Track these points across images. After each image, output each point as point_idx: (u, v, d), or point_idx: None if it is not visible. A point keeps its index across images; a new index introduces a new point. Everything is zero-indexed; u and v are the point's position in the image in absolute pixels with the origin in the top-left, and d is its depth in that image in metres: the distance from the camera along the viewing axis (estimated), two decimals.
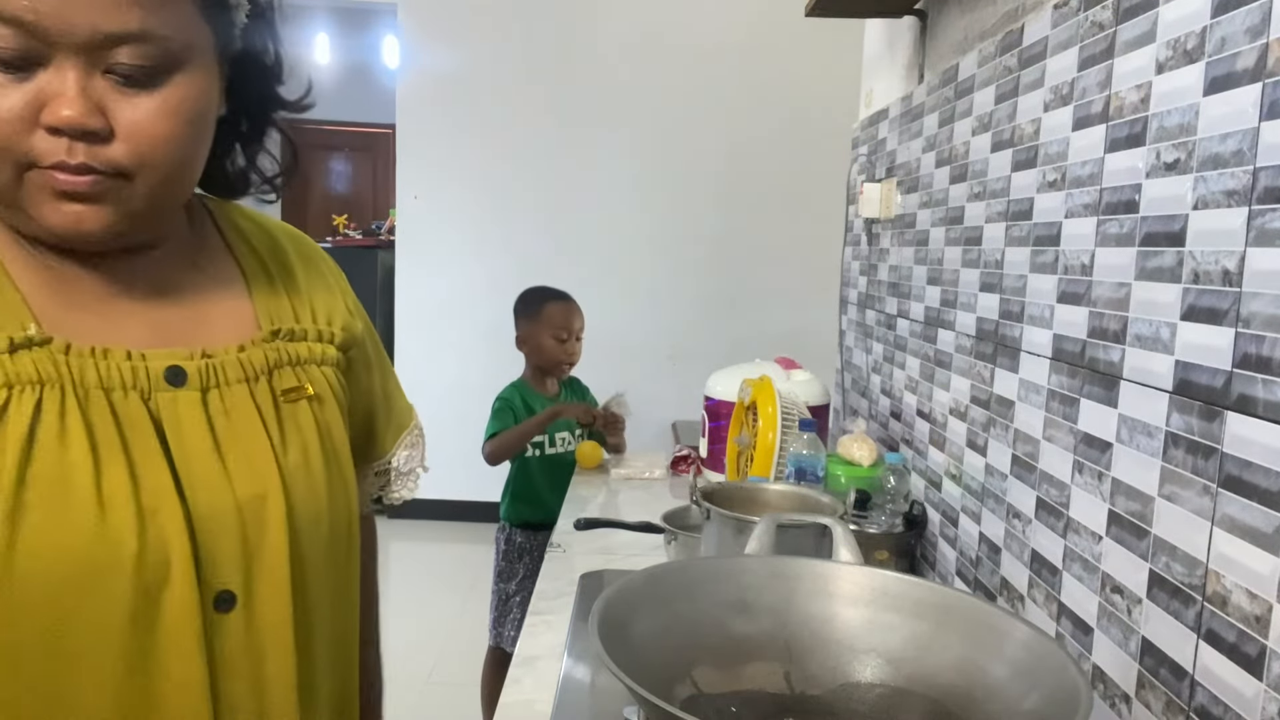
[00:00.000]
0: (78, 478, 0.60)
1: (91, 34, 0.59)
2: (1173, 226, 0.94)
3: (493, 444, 2.42)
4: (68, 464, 0.60)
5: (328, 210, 6.24)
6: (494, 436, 2.42)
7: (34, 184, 0.61)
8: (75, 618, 0.60)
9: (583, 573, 1.53)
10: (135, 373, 0.65)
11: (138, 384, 0.65)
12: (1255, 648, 0.78)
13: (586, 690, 1.12)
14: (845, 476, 1.78)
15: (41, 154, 0.60)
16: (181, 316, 0.71)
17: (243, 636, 0.67)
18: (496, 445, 2.42)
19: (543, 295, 2.57)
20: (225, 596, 0.66)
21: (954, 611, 0.82)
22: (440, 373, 4.55)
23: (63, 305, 0.65)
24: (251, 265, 0.78)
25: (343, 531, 0.76)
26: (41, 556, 0.58)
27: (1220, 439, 0.84)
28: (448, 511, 4.60)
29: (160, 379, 0.66)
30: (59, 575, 0.59)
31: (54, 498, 0.59)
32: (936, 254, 1.70)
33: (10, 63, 0.59)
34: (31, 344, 0.61)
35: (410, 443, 0.94)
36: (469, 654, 2.78)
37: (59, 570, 0.59)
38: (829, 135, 3.62)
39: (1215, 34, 0.88)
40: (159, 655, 0.63)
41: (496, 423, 2.45)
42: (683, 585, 0.84)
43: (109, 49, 0.60)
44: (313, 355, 0.76)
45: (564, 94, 4.42)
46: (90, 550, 0.59)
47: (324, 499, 0.73)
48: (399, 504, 0.96)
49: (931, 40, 1.95)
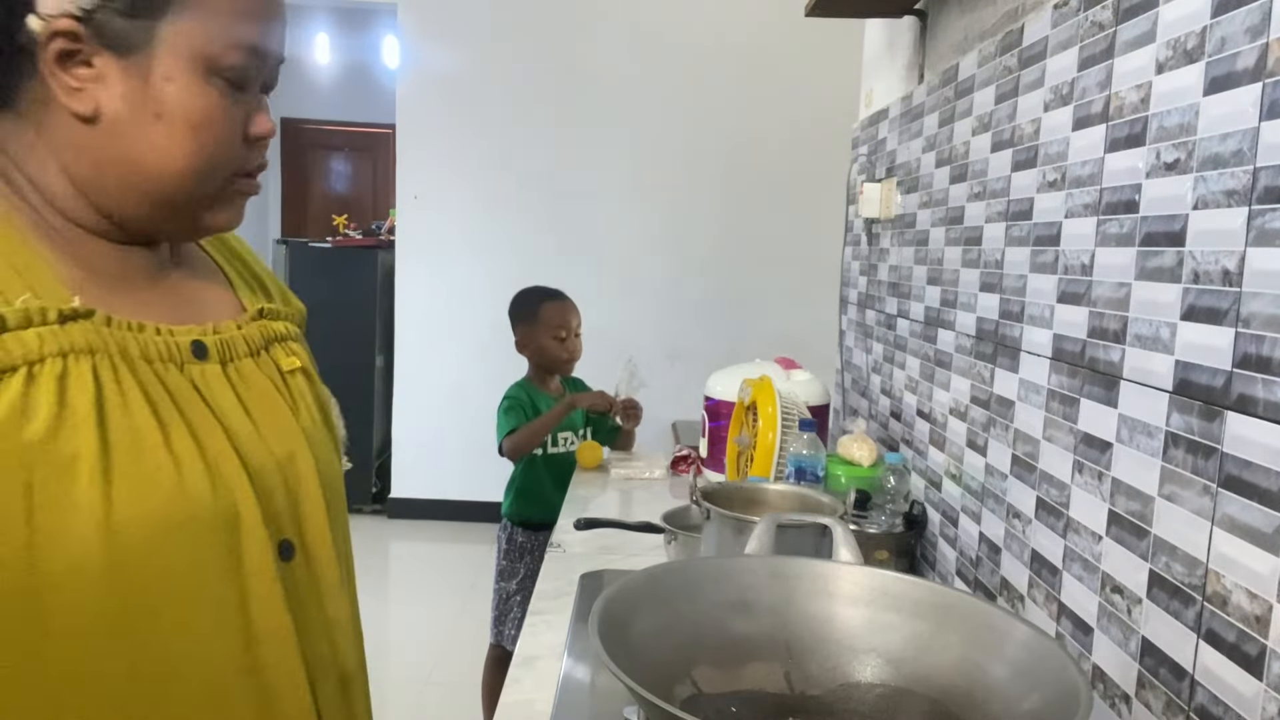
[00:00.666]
0: (149, 440, 0.63)
1: (278, 62, 0.73)
2: (1173, 226, 0.94)
3: (513, 439, 2.42)
4: (136, 428, 0.62)
5: (328, 210, 6.23)
6: (513, 432, 2.42)
7: (234, 189, 0.73)
8: (167, 574, 0.63)
9: (583, 573, 1.53)
10: (168, 346, 0.69)
11: (173, 357, 0.69)
12: (1255, 648, 0.78)
13: (586, 690, 1.12)
14: (845, 476, 1.78)
15: (247, 160, 0.72)
16: (186, 299, 0.76)
17: (306, 583, 0.72)
18: (518, 439, 2.41)
19: (538, 296, 2.57)
20: (286, 545, 0.71)
21: (954, 611, 0.82)
22: (440, 373, 4.56)
23: (95, 284, 0.68)
24: (221, 258, 0.84)
25: (341, 487, 0.83)
26: (133, 517, 0.61)
27: (1220, 439, 0.84)
28: (448, 511, 4.61)
29: (188, 352, 0.70)
30: (149, 534, 0.62)
31: (133, 460, 0.62)
32: (936, 254, 1.70)
33: (238, 84, 0.69)
34: (77, 315, 0.63)
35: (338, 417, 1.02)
36: (469, 654, 2.78)
37: (148, 529, 0.62)
38: (829, 135, 3.62)
39: (1215, 34, 0.88)
40: (245, 605, 0.67)
41: (511, 419, 2.44)
42: (683, 585, 0.84)
43: (275, 73, 0.74)
44: (289, 332, 0.83)
45: (564, 94, 4.43)
46: (173, 508, 0.63)
47: (332, 457, 0.80)
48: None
49: (931, 40, 1.95)
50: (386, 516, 4.68)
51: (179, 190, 0.69)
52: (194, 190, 0.70)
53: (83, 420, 0.60)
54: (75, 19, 0.63)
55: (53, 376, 0.60)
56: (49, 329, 0.61)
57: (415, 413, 4.62)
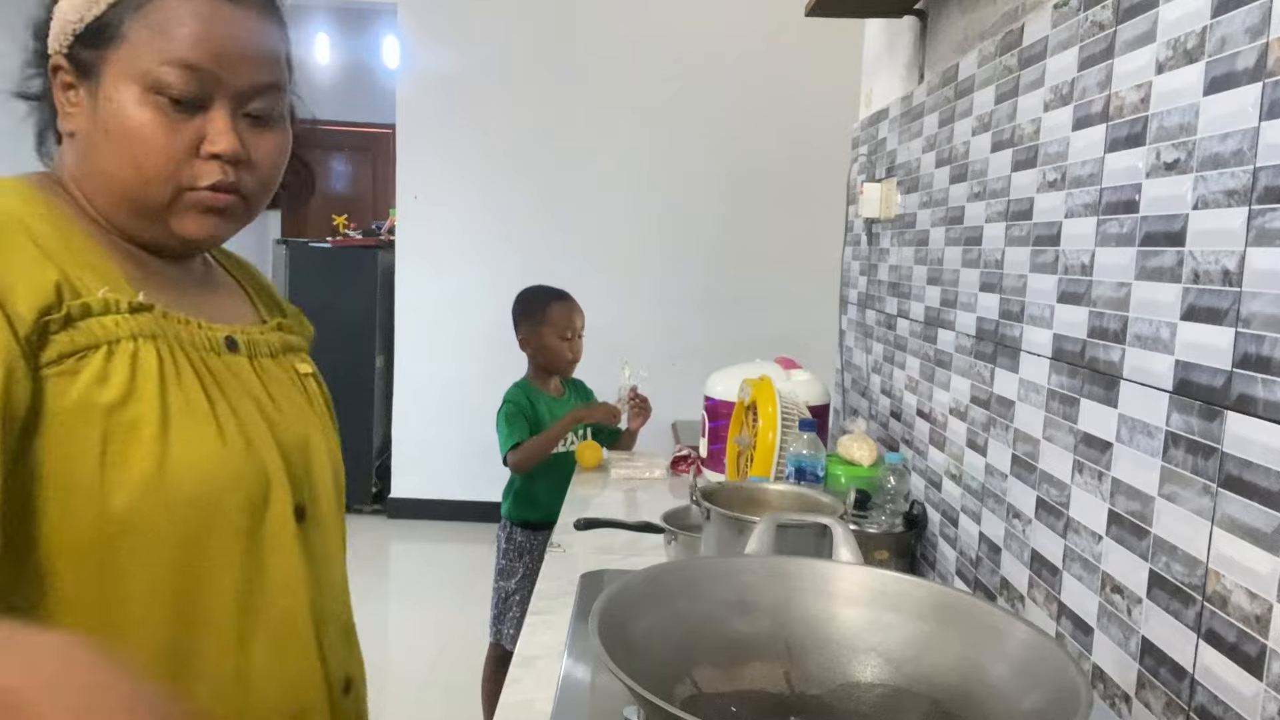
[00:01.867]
0: (199, 411, 0.74)
1: (248, 85, 0.78)
2: (1173, 226, 0.94)
3: (518, 455, 2.41)
4: (189, 400, 0.74)
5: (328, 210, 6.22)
6: (517, 446, 2.41)
7: (186, 203, 0.78)
8: (206, 528, 0.74)
9: (583, 573, 1.53)
10: (208, 338, 0.80)
11: (212, 347, 0.80)
12: (1255, 648, 0.78)
13: (586, 690, 1.12)
14: (845, 476, 1.78)
15: (199, 177, 0.77)
16: (217, 305, 0.87)
17: (315, 543, 0.83)
18: (523, 455, 2.41)
19: (545, 296, 2.57)
20: (300, 509, 0.81)
21: (954, 611, 0.82)
22: (440, 373, 4.56)
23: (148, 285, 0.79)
24: (237, 276, 0.95)
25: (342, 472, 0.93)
26: (183, 474, 0.72)
27: (1220, 439, 0.84)
28: (448, 511, 4.61)
29: (222, 345, 0.81)
30: (197, 484, 0.73)
31: (186, 426, 0.73)
32: (936, 254, 1.70)
33: (184, 103, 0.75)
34: (143, 308, 0.75)
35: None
36: (469, 653, 2.78)
37: (197, 480, 0.73)
38: (829, 135, 3.62)
39: (1215, 34, 0.88)
40: (271, 548, 0.78)
41: (514, 431, 2.44)
42: (683, 585, 0.84)
43: (253, 97, 0.78)
44: (303, 345, 0.95)
45: (564, 94, 4.43)
46: (216, 469, 0.74)
47: (337, 446, 0.92)
48: None
49: (931, 40, 1.95)
50: (386, 516, 4.68)
51: (133, 199, 0.77)
52: (140, 199, 0.77)
53: (147, 392, 0.71)
54: (63, 54, 0.76)
55: (127, 354, 0.71)
56: (123, 316, 0.73)
57: (415, 413, 4.62)
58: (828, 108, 3.89)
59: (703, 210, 4.46)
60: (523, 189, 4.48)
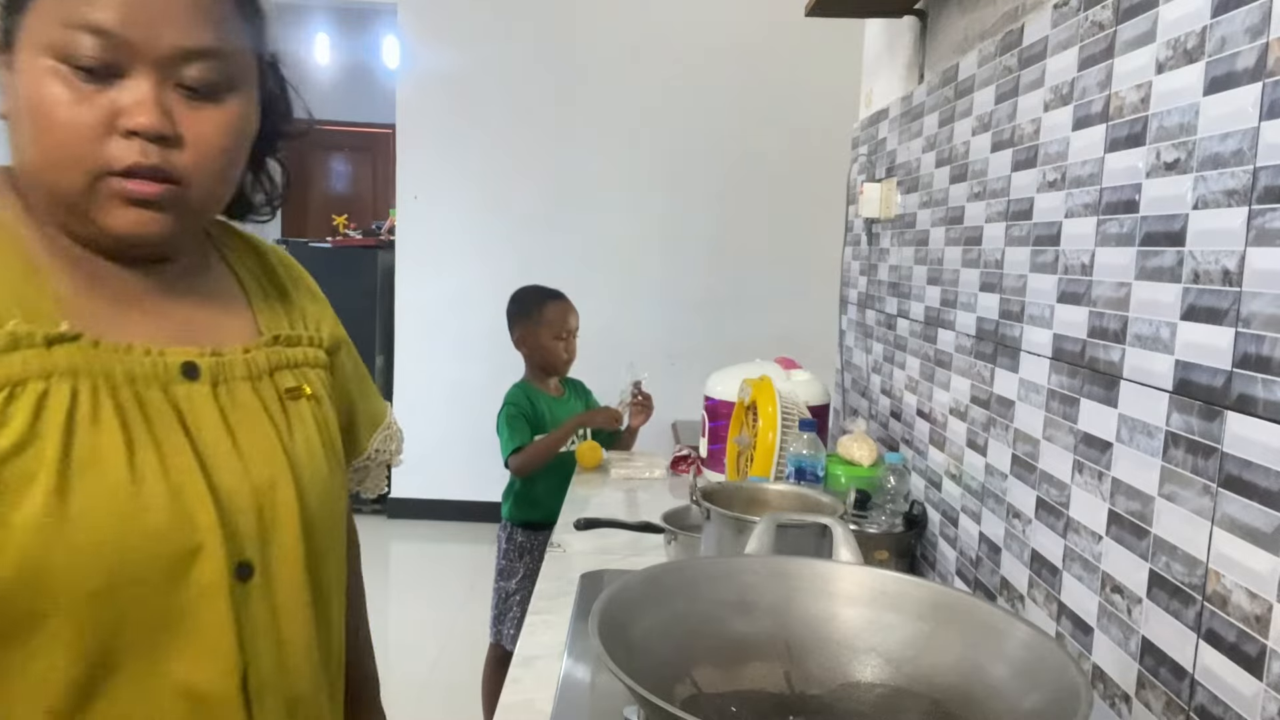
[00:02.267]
0: (112, 458, 0.65)
1: (172, 48, 0.66)
2: (1173, 226, 0.94)
3: (519, 459, 2.41)
4: (102, 446, 0.65)
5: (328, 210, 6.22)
6: (518, 450, 2.41)
7: (104, 192, 0.66)
8: (119, 582, 0.64)
9: (583, 573, 1.53)
10: (155, 366, 0.70)
11: (157, 377, 0.69)
12: (1255, 648, 0.78)
13: (586, 690, 1.12)
14: (845, 476, 1.78)
15: (115, 159, 0.65)
16: (193, 321, 0.76)
17: (262, 602, 0.72)
18: (524, 460, 2.41)
19: (540, 296, 2.57)
20: (245, 566, 0.71)
21: (954, 611, 0.82)
22: (440, 373, 4.56)
23: (91, 302, 0.70)
24: (249, 280, 0.84)
25: (340, 515, 0.83)
26: (87, 526, 0.63)
27: (1220, 439, 0.84)
28: (448, 511, 4.61)
29: (176, 373, 0.71)
30: (102, 542, 0.63)
31: (93, 476, 0.64)
32: (936, 254, 1.70)
33: (93, 71, 0.64)
34: (64, 339, 0.65)
35: (384, 439, 1.02)
36: (469, 653, 2.78)
37: (102, 538, 0.63)
38: (829, 135, 3.62)
39: (1215, 34, 0.88)
40: (193, 612, 0.68)
41: (515, 434, 2.44)
42: (683, 585, 0.84)
43: (183, 64, 0.67)
44: (307, 359, 0.83)
45: (564, 94, 4.43)
46: (128, 522, 0.64)
47: (327, 485, 0.79)
48: (372, 496, 1.05)
49: (931, 40, 1.95)
50: (386, 516, 4.68)
51: (49, 189, 0.67)
52: (55, 189, 0.67)
53: (49, 439, 0.62)
54: None
55: (33, 396, 0.63)
56: (34, 352, 0.63)
57: (415, 413, 4.61)
58: (827, 108, 3.89)
59: (702, 210, 4.46)
60: (523, 189, 4.48)
